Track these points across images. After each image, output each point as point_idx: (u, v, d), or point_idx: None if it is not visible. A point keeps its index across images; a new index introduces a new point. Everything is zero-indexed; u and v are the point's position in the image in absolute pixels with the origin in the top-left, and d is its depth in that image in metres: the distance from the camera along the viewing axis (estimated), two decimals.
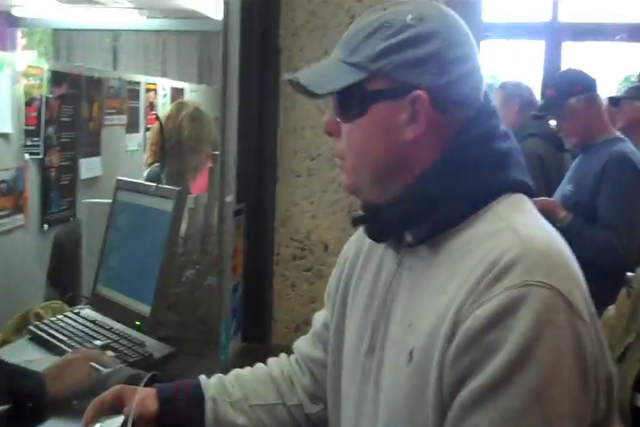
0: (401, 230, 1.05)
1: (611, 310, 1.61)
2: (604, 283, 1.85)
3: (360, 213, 1.09)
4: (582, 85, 2.89)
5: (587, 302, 0.92)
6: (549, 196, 2.94)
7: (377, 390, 1.05)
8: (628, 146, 2.86)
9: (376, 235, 1.09)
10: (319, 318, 1.34)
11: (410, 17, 1.01)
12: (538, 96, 3.81)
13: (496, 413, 0.86)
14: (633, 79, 5.95)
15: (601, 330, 0.94)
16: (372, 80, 1.01)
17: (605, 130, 2.89)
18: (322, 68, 1.07)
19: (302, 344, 1.38)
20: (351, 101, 1.02)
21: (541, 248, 0.92)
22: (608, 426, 0.96)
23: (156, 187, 2.00)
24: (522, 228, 0.95)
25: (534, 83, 3.99)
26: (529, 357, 0.85)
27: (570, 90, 2.90)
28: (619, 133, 2.93)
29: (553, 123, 3.26)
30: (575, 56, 5.83)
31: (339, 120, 1.06)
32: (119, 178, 2.25)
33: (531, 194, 1.05)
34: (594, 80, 2.95)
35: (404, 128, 1.01)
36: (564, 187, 2.89)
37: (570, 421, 0.86)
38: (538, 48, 5.83)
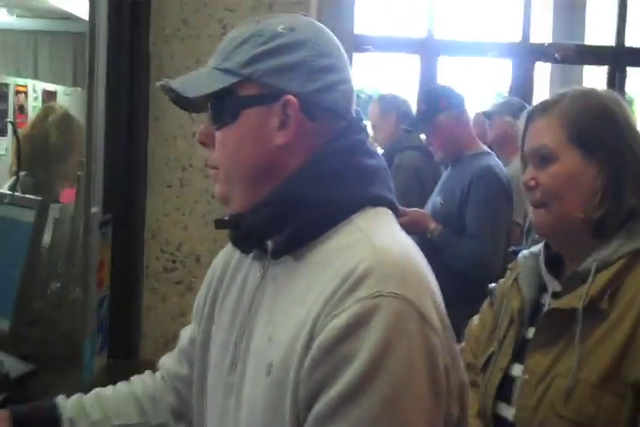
0: (263, 237, 1.05)
1: (475, 319, 1.65)
2: (474, 293, 1.92)
3: (224, 217, 1.09)
4: (447, 102, 2.98)
5: (439, 312, 0.94)
6: (424, 206, 3.01)
7: (238, 405, 1.04)
8: (494, 160, 2.97)
9: (240, 242, 1.08)
10: (186, 333, 1.32)
11: (281, 27, 1.04)
12: (414, 109, 3.91)
13: (348, 423, 0.87)
14: (505, 94, 6.22)
15: (453, 339, 0.96)
16: (244, 86, 1.02)
17: (473, 144, 2.98)
18: (195, 75, 1.08)
19: (168, 361, 1.34)
20: (223, 107, 1.04)
21: (395, 260, 0.93)
22: None
23: (13, 196, 1.90)
24: (377, 239, 0.96)
25: (411, 96, 4.07)
26: (380, 367, 0.86)
27: (436, 106, 2.99)
28: (485, 148, 3.04)
29: (423, 137, 3.35)
30: (450, 71, 6.02)
31: (213, 128, 1.06)
32: None
33: (394, 209, 1.06)
34: (460, 96, 3.03)
35: (275, 133, 1.02)
36: (435, 199, 2.97)
37: None
38: (415, 62, 5.99)
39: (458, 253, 2.71)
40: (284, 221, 1.01)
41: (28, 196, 1.94)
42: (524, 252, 1.51)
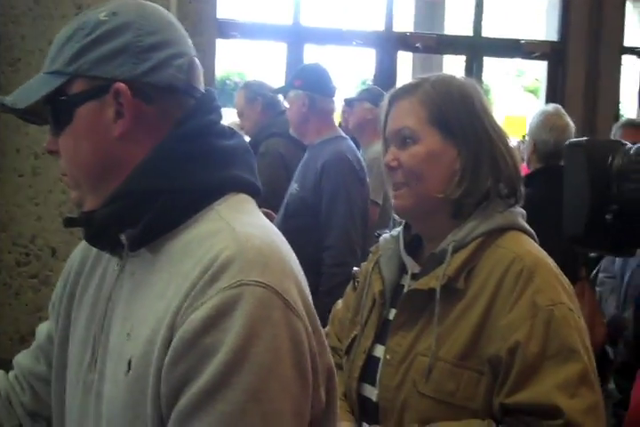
0: (115, 232, 0.99)
1: (339, 303, 1.66)
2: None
3: (73, 214, 1.06)
4: (302, 81, 2.99)
5: (304, 297, 0.93)
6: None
7: (98, 404, 0.99)
8: (346, 144, 3.00)
9: (92, 238, 1.03)
10: (43, 329, 1.25)
11: (103, 14, 1.00)
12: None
13: (214, 417, 0.84)
14: (369, 82, 6.33)
15: (317, 323, 0.95)
16: (73, 84, 0.99)
17: (325, 130, 2.99)
18: (26, 85, 1.02)
19: (23, 358, 1.27)
20: (58, 111, 0.99)
21: (257, 246, 0.91)
22: (330, 418, 0.97)
23: None
24: (239, 227, 0.94)
25: (278, 84, 4.06)
26: (245, 357, 0.85)
27: (292, 82, 3.01)
28: (339, 133, 3.07)
29: None
30: (316, 59, 6.05)
31: (54, 136, 1.02)
32: None
33: (256, 193, 1.04)
34: (324, 82, 3.03)
35: (112, 125, 0.98)
36: (292, 185, 2.98)
37: (289, 417, 0.87)
38: (281, 49, 5.99)
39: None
40: (135, 214, 0.97)
41: None
42: (385, 235, 1.53)
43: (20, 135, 1.91)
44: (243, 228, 0.94)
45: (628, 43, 6.43)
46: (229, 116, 4.01)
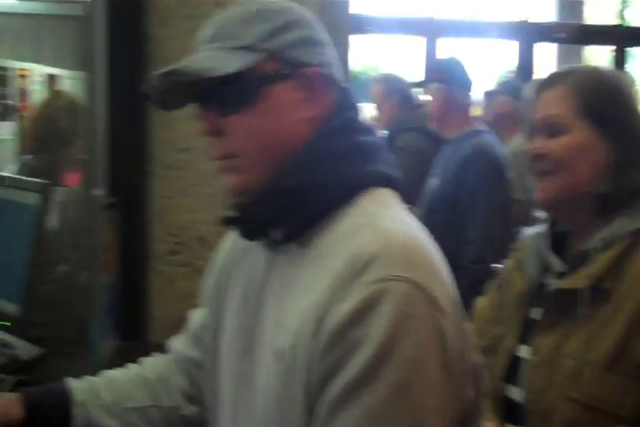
0: (270, 229, 1.02)
1: (482, 300, 1.64)
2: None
3: (230, 213, 1.05)
4: (441, 75, 2.96)
5: (448, 294, 0.93)
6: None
7: (252, 392, 1.03)
8: (488, 138, 2.93)
9: (247, 233, 1.06)
10: (196, 316, 1.30)
11: (279, 5, 1.03)
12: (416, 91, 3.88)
13: (360, 410, 0.86)
14: (510, 75, 6.18)
15: (464, 321, 0.94)
16: (265, 62, 0.98)
17: (466, 123, 2.95)
18: (203, 57, 0.99)
19: (178, 344, 1.33)
20: (245, 87, 0.98)
21: (401, 242, 0.91)
22: (476, 417, 0.97)
23: (14, 178, 1.90)
24: (383, 223, 0.95)
25: (415, 78, 4.04)
26: (391, 351, 0.85)
27: (431, 75, 2.98)
28: (480, 126, 3.01)
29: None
30: (453, 52, 5.97)
31: (224, 115, 0.99)
32: None
33: (398, 188, 1.05)
34: (462, 76, 2.99)
35: (298, 107, 1.00)
36: (432, 180, 2.96)
37: (434, 413, 0.87)
38: (417, 43, 5.95)
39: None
40: (287, 212, 0.99)
41: (31, 179, 1.94)
42: (529, 231, 1.50)
43: (171, 131, 1.99)
44: (387, 223, 0.95)
45: None
46: (367, 111, 4.02)
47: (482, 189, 2.74)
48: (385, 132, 3.60)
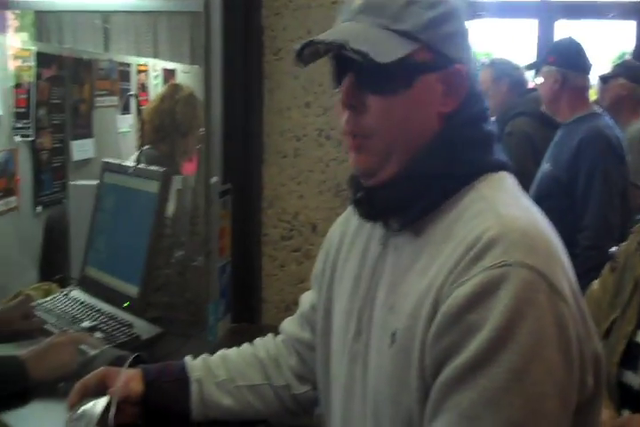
0: (391, 215, 1.02)
1: (595, 284, 1.59)
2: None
3: (357, 194, 1.06)
4: (556, 57, 2.86)
5: (569, 280, 0.90)
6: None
7: (365, 373, 1.04)
8: (604, 121, 2.82)
9: (370, 216, 1.07)
10: (306, 299, 1.33)
11: None
12: (527, 75, 3.77)
13: (476, 392, 0.85)
14: (627, 57, 5.91)
15: (585, 308, 0.92)
16: (420, 51, 0.97)
17: (580, 106, 2.85)
18: (363, 34, 0.97)
19: (289, 325, 1.36)
20: (400, 73, 0.97)
21: (521, 228, 0.90)
22: (596, 404, 0.94)
23: (136, 167, 1.98)
24: (502, 208, 0.93)
25: (527, 61, 3.92)
26: (509, 337, 0.84)
27: (545, 58, 2.89)
28: (596, 109, 2.89)
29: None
30: (568, 34, 5.77)
31: (369, 93, 0.99)
32: (105, 160, 2.22)
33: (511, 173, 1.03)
34: (580, 58, 2.89)
35: (440, 101, 0.99)
36: (544, 165, 2.87)
37: (553, 400, 0.85)
38: (531, 27, 5.77)
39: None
40: (410, 197, 0.99)
41: (152, 167, 2.01)
42: None
43: (284, 119, 2.02)
44: (506, 208, 0.93)
45: None
46: None
47: (598, 174, 2.64)
48: (493, 118, 3.53)
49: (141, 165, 2.03)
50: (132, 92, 4.82)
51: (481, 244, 0.88)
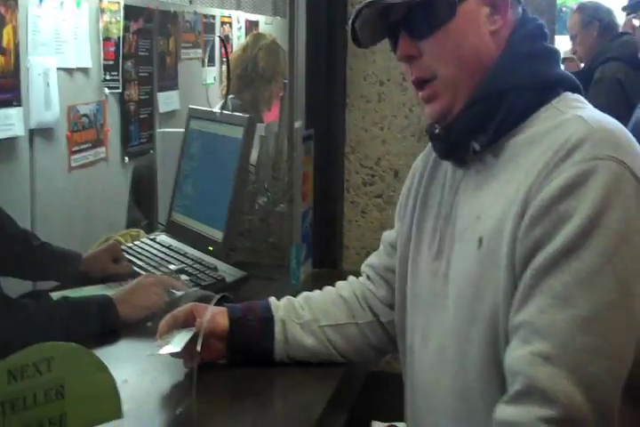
0: (468, 141, 1.03)
1: None
2: None
3: (435, 129, 1.09)
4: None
5: None
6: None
7: (445, 285, 1.05)
8: None
9: (446, 152, 1.09)
10: (390, 234, 1.33)
11: None
12: (618, 18, 3.57)
13: (569, 275, 0.86)
14: None
15: None
16: None
17: None
18: None
19: (376, 258, 1.36)
20: (440, 7, 1.01)
21: (608, 128, 0.92)
22: None
23: (221, 113, 1.96)
24: (586, 116, 0.95)
25: (615, 5, 3.71)
26: (599, 223, 0.86)
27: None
28: None
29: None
30: None
31: (420, 37, 1.02)
32: (191, 106, 2.22)
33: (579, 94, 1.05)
34: None
35: (488, 21, 1.02)
36: (637, 111, 2.71)
37: (639, 283, 0.87)
38: None
39: None
40: (488, 117, 1.00)
41: (236, 113, 1.99)
42: None
43: (368, 63, 1.96)
44: (590, 116, 0.95)
45: None
46: (562, 44, 3.77)
47: None
48: (582, 65, 3.36)
49: (226, 112, 2.02)
50: (219, 35, 4.78)
51: (570, 144, 0.91)
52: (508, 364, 0.90)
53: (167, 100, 4.20)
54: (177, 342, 1.20)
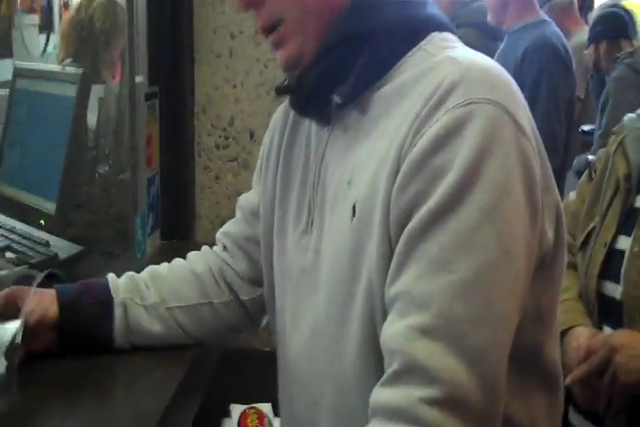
0: (327, 93, 0.89)
1: (572, 195, 1.44)
2: None
3: (284, 83, 0.97)
4: None
5: (530, 121, 0.83)
6: None
7: (316, 260, 0.92)
8: (551, 29, 2.65)
9: (302, 105, 0.96)
10: (248, 198, 1.15)
11: None
12: None
13: (446, 237, 0.75)
14: None
15: (543, 150, 0.84)
16: None
17: (528, 13, 2.66)
18: None
19: (234, 227, 1.18)
20: None
21: (483, 67, 0.82)
22: (556, 259, 0.85)
23: (51, 71, 1.71)
24: (459, 56, 0.84)
25: None
26: (477, 175, 0.76)
27: None
28: (544, 16, 2.72)
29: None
30: None
31: None
32: (17, 63, 1.93)
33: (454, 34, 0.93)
34: None
35: None
36: None
37: (521, 241, 0.77)
38: None
39: None
40: (346, 65, 0.87)
41: (68, 69, 1.74)
42: (630, 114, 1.30)
43: (216, 15, 1.77)
44: (463, 57, 0.84)
45: None
46: None
47: (544, 84, 2.48)
48: None
49: (56, 67, 1.76)
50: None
51: (442, 89, 0.79)
52: (383, 341, 0.77)
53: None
54: None
